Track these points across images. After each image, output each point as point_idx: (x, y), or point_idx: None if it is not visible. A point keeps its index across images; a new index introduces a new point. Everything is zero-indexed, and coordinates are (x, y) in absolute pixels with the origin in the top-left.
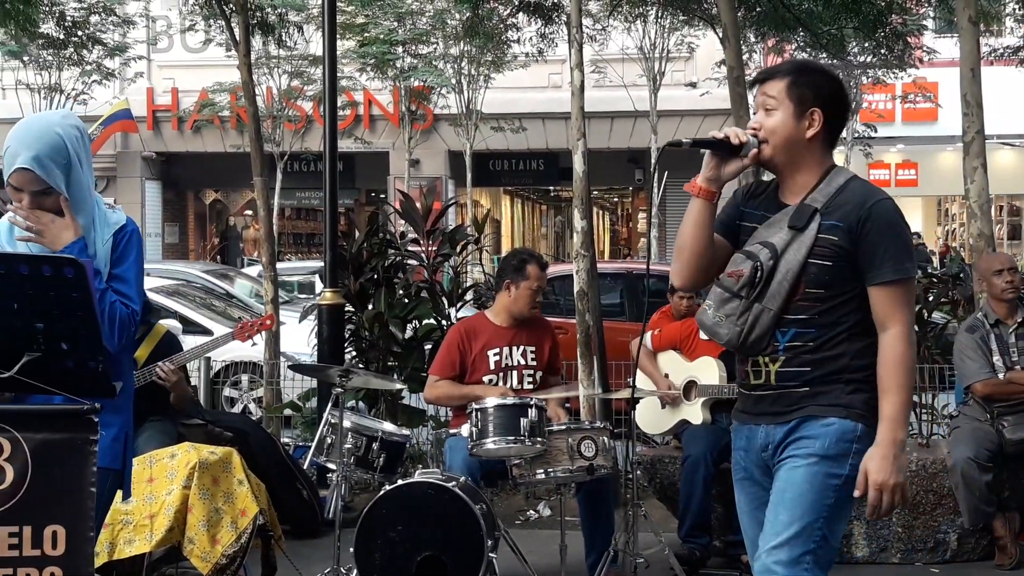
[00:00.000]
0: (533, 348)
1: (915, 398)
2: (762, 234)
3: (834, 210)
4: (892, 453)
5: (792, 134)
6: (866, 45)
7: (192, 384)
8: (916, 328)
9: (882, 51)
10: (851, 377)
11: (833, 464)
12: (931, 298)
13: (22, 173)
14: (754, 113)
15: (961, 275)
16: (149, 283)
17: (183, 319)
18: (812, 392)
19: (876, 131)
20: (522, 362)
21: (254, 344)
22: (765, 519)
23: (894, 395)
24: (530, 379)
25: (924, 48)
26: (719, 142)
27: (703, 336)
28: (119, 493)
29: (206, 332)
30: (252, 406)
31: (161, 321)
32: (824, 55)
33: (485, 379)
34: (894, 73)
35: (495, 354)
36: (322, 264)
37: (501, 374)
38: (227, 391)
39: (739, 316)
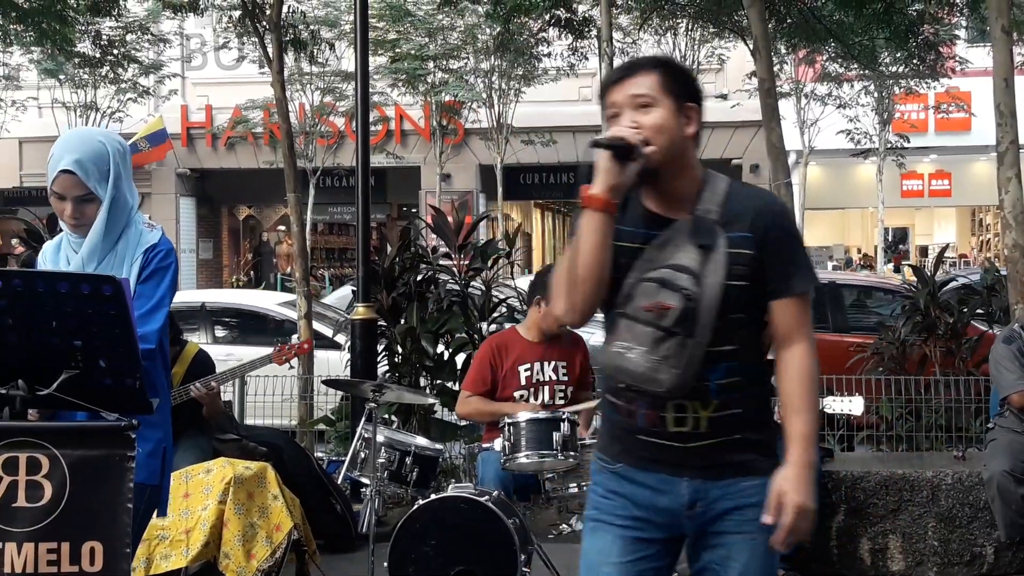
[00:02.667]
0: (564, 363)
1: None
2: (660, 256)
3: (734, 220)
4: (808, 475)
5: (676, 134)
6: (898, 55)
7: (226, 400)
8: (951, 341)
9: (914, 61)
10: (769, 417)
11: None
12: (966, 309)
13: (65, 177)
14: (607, 122)
15: (996, 286)
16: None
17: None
18: (743, 440)
19: (909, 141)
20: (553, 377)
21: (292, 367)
22: None
23: (807, 414)
24: (561, 394)
25: (957, 58)
26: (619, 143)
27: None
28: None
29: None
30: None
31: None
32: (856, 66)
33: (516, 394)
34: (927, 83)
35: (526, 369)
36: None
37: (532, 389)
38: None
39: (677, 357)
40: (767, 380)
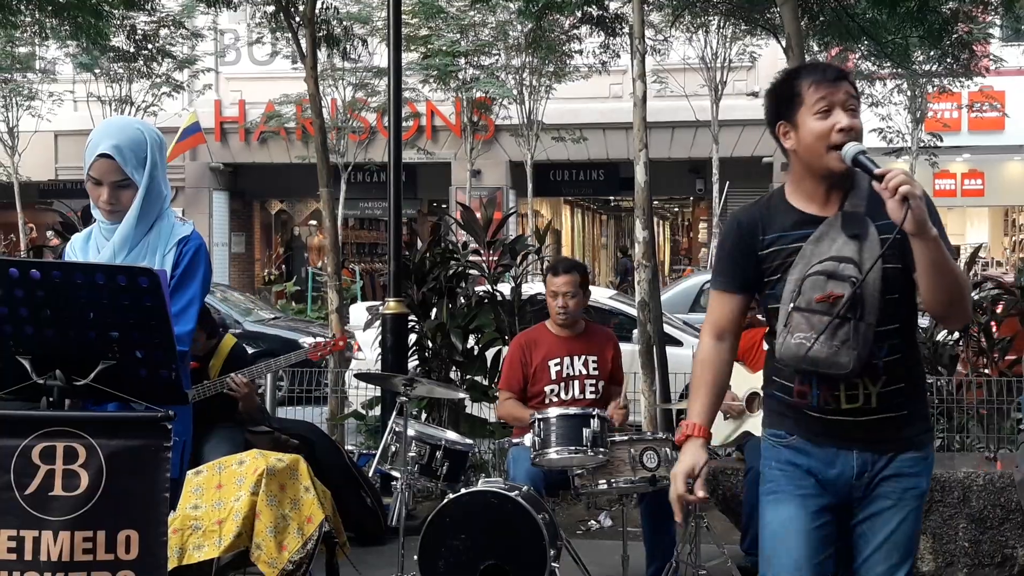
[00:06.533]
0: (595, 358)
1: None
2: (818, 250)
3: (879, 209)
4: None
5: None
6: (931, 54)
7: (259, 392)
8: (984, 342)
9: (948, 60)
10: (924, 389)
11: (926, 494)
12: (999, 310)
13: (103, 162)
14: (824, 111)
15: None
16: None
17: None
18: (909, 415)
19: (942, 140)
20: (583, 371)
21: (325, 363)
22: (872, 556)
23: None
24: (592, 389)
25: (991, 57)
26: (872, 173)
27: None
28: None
29: None
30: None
31: None
32: (889, 64)
33: (547, 389)
34: (960, 82)
35: (556, 364)
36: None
37: (563, 384)
38: None
39: (854, 339)
40: (920, 356)
